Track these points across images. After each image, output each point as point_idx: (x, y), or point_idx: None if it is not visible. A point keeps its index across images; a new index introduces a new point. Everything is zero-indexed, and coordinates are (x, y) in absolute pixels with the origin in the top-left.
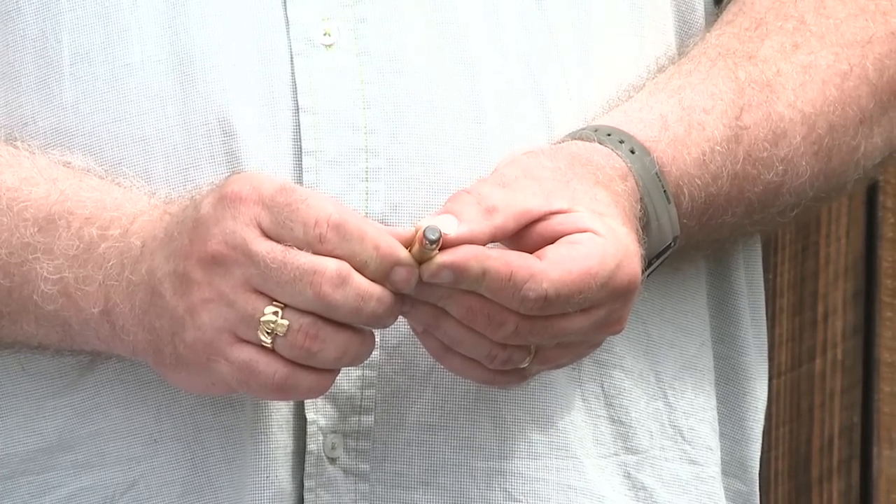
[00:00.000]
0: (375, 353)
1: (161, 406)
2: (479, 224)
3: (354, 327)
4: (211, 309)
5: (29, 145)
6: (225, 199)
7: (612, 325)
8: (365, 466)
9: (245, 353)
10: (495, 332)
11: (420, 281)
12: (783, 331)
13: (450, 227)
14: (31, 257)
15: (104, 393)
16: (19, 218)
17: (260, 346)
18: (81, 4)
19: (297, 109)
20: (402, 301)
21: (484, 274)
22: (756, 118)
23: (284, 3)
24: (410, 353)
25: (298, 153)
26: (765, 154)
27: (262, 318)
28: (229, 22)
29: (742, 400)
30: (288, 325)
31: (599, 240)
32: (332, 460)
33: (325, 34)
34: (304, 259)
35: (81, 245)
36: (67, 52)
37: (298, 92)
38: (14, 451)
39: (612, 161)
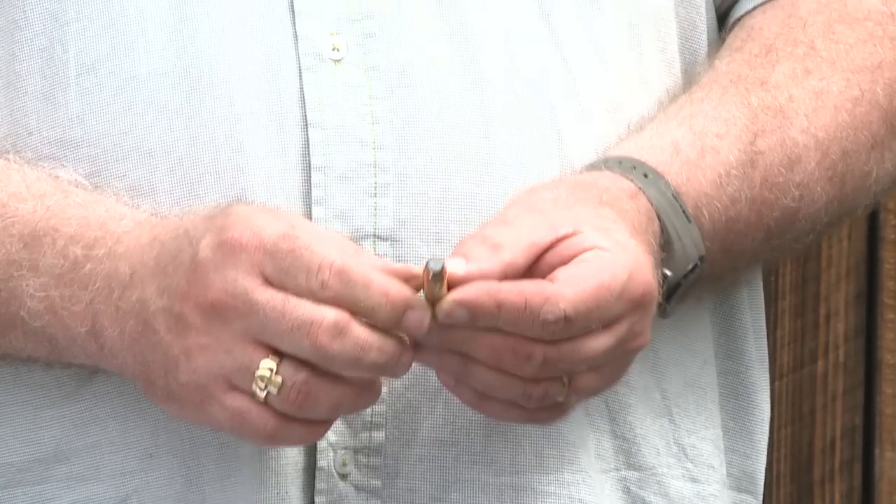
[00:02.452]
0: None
1: (158, 420)
2: (488, 261)
3: (353, 379)
4: (207, 354)
5: (20, 157)
6: (225, 245)
7: (636, 339)
8: (377, 483)
9: (238, 402)
10: (524, 367)
11: (437, 326)
12: (785, 333)
13: (458, 267)
14: (16, 274)
15: (102, 405)
16: (6, 234)
17: (253, 396)
18: (88, 15)
19: (305, 125)
20: (416, 350)
21: (499, 307)
22: (770, 143)
23: (293, 17)
24: (421, 369)
25: (307, 169)
26: (781, 179)
27: (257, 373)
28: (237, 36)
29: (750, 414)
30: (282, 383)
31: (606, 254)
32: (344, 476)
33: (333, 49)
34: (303, 309)
35: (66, 264)
36: (73, 62)
37: (307, 107)
38: (10, 460)
39: (618, 183)
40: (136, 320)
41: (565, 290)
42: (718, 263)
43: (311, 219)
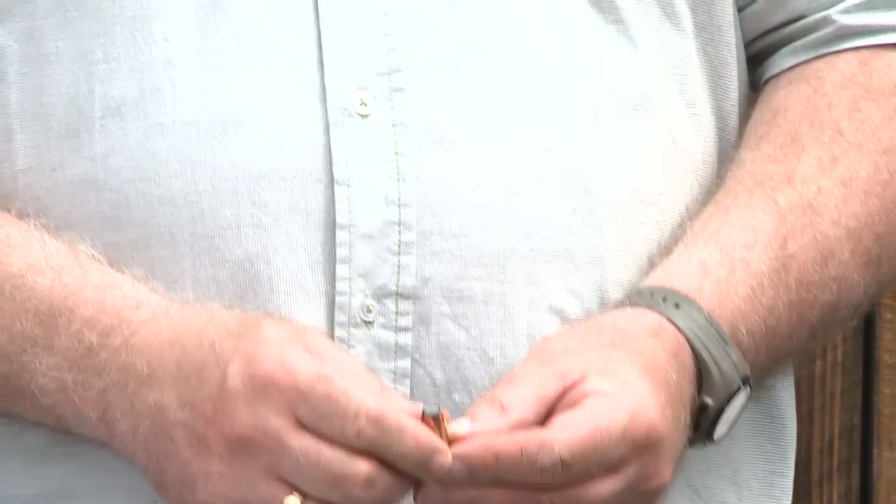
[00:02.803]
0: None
1: None
2: (495, 422)
3: None
4: (228, 483)
5: (39, 224)
6: (256, 379)
7: (650, 481)
8: None
9: None
10: None
11: (442, 488)
12: None
13: (463, 427)
14: (30, 349)
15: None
16: (21, 307)
17: None
18: (116, 57)
19: (330, 181)
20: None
21: (496, 458)
22: (802, 243)
23: (322, 71)
24: None
25: (331, 226)
26: (816, 277)
27: None
28: (265, 88)
29: (784, 434)
30: None
31: (605, 399)
32: None
33: (361, 104)
34: (338, 462)
35: (80, 349)
36: (99, 103)
37: (333, 163)
38: (17, 492)
39: (639, 321)
40: (153, 424)
41: (560, 434)
42: (767, 371)
43: (334, 278)
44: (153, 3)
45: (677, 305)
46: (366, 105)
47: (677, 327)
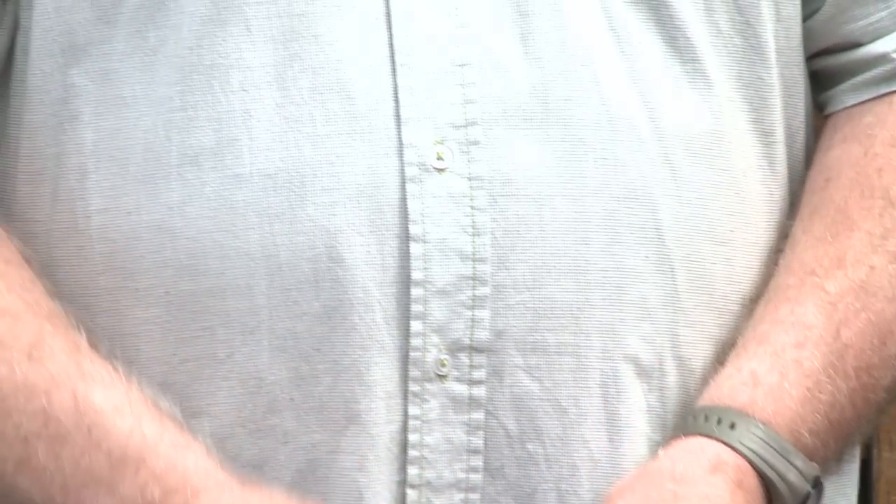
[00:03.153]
0: (478, 476)
1: None
2: None
3: None
4: None
5: (124, 367)
6: None
7: None
8: None
9: None
10: None
11: None
12: None
13: None
14: (92, 486)
15: None
16: (95, 444)
17: None
18: (193, 105)
19: (406, 237)
20: None
21: None
22: (856, 329)
23: (398, 125)
24: (514, 475)
25: (406, 282)
26: (876, 359)
27: None
28: (342, 142)
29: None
30: None
31: None
32: None
33: (437, 158)
34: None
35: (141, 500)
36: (176, 150)
37: (409, 219)
38: None
39: (696, 459)
40: None
41: None
42: (840, 454)
43: (408, 333)
44: (232, 52)
45: (733, 426)
46: (442, 159)
47: (736, 451)
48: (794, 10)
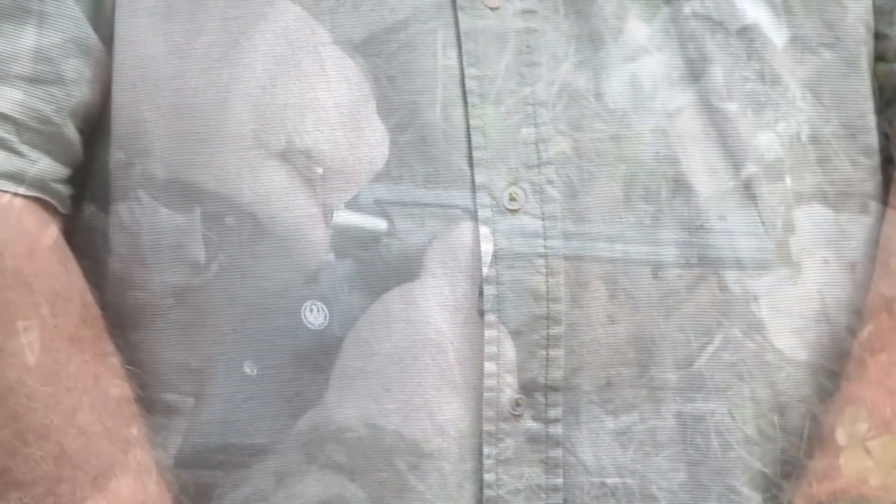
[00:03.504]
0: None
1: None
2: None
3: None
4: None
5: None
6: None
7: None
8: None
9: None
10: None
11: None
12: None
13: None
14: None
15: None
16: None
17: None
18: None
19: (479, 278)
20: None
21: None
22: None
23: (471, 167)
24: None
25: (479, 322)
26: None
27: None
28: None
29: None
30: None
31: None
32: None
33: (511, 199)
34: None
35: None
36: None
37: (483, 262)
38: None
39: None
40: None
41: None
42: None
43: (482, 373)
44: (306, 91)
45: None
46: (515, 200)
47: None
48: None
